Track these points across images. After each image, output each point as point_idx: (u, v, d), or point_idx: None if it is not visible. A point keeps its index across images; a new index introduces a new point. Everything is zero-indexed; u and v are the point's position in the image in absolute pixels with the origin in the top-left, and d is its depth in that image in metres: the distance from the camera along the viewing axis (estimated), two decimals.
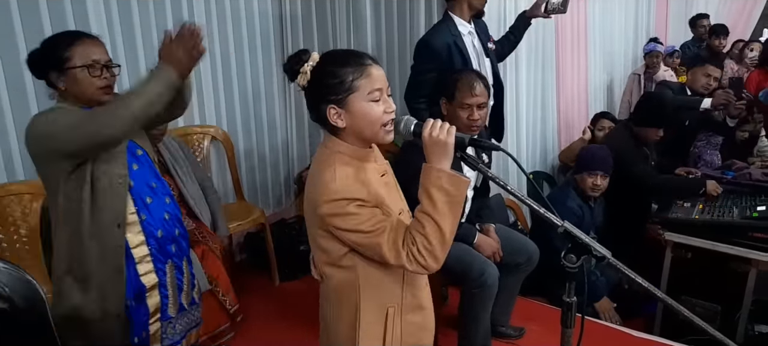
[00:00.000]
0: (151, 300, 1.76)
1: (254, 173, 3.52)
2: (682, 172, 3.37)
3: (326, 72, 1.21)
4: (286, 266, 3.17)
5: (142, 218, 1.72)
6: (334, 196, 1.17)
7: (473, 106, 2.21)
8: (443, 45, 2.64)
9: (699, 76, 3.67)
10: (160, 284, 1.78)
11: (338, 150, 1.24)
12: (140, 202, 1.72)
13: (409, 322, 1.35)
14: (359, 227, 1.18)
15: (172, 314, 1.83)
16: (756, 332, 2.67)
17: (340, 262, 1.28)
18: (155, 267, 1.76)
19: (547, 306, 2.87)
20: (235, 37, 3.26)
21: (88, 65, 1.61)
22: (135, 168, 1.73)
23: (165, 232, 1.78)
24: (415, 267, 1.18)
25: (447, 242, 1.18)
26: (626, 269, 1.11)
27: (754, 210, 2.61)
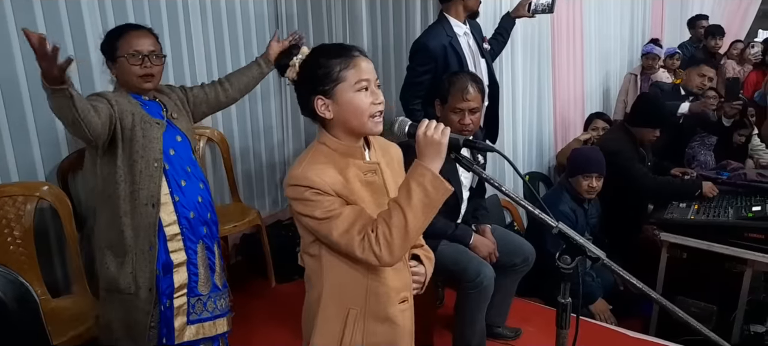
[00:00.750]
0: (178, 276, 1.89)
1: (250, 175, 3.50)
2: (677, 172, 3.38)
3: (314, 64, 1.23)
4: (282, 268, 3.16)
5: (176, 199, 1.88)
6: (293, 181, 1.20)
7: (465, 111, 2.21)
8: (439, 46, 2.64)
9: (693, 76, 3.69)
10: (189, 261, 1.91)
11: (322, 141, 1.26)
12: (175, 184, 1.87)
13: (374, 332, 1.30)
14: (313, 213, 1.18)
15: (202, 292, 1.95)
16: (752, 332, 2.68)
17: (309, 249, 1.29)
18: (185, 246, 1.90)
19: (543, 307, 2.87)
20: (231, 38, 3.25)
21: (130, 54, 1.80)
22: (172, 153, 1.88)
23: (197, 214, 1.92)
24: (367, 255, 1.15)
25: (409, 241, 1.15)
26: (621, 270, 1.11)
27: (749, 210, 2.62)
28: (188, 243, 1.90)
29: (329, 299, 1.29)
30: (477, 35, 2.83)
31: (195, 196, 1.93)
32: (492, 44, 3.01)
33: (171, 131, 1.90)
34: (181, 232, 1.89)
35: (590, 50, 4.60)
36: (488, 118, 2.87)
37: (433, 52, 2.63)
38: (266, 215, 3.48)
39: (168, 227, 1.86)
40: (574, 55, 4.33)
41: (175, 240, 1.88)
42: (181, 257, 1.89)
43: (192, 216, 1.91)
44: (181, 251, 1.89)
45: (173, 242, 1.87)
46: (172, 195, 1.87)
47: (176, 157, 1.89)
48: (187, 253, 1.90)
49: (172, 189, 1.86)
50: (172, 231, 1.87)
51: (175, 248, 1.88)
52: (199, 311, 1.95)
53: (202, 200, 1.95)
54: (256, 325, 2.75)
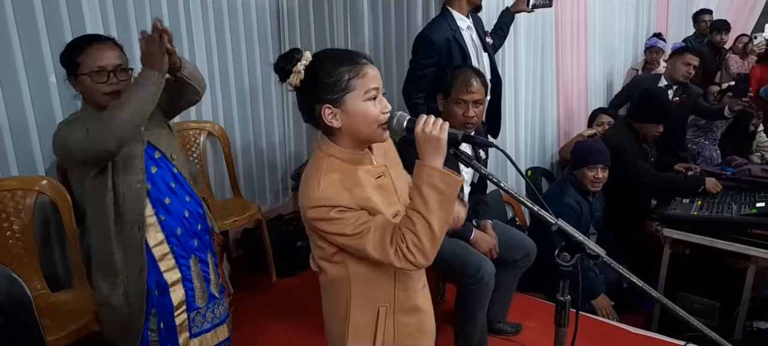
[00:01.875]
0: (175, 294, 1.84)
1: (251, 169, 3.50)
2: (681, 168, 3.35)
3: (321, 71, 1.18)
4: (283, 262, 3.16)
5: (161, 219, 1.80)
6: (316, 202, 1.18)
7: (469, 103, 2.20)
8: (443, 40, 2.63)
9: (678, 65, 3.66)
10: (184, 278, 1.86)
11: (329, 153, 1.23)
12: (159, 204, 1.79)
13: (403, 323, 1.34)
14: (343, 231, 1.18)
15: (200, 304, 1.91)
16: (755, 329, 2.66)
17: (332, 258, 1.28)
18: (178, 263, 1.84)
19: (544, 302, 2.86)
20: (232, 33, 3.24)
21: (94, 72, 1.66)
22: (154, 171, 1.79)
23: (185, 229, 1.85)
24: (404, 264, 1.17)
25: (437, 240, 1.17)
26: (621, 268, 1.09)
27: (753, 206, 2.60)
28: (180, 260, 1.84)
29: (359, 302, 1.30)
30: (479, 29, 2.81)
31: (181, 211, 1.85)
32: (492, 39, 3.00)
33: (150, 148, 1.79)
34: (171, 250, 1.82)
35: (594, 44, 4.56)
36: (491, 112, 2.85)
37: (437, 45, 2.62)
38: (267, 209, 3.48)
39: (156, 247, 1.79)
40: (578, 49, 4.30)
41: (166, 260, 1.81)
42: (176, 276, 1.84)
43: (180, 232, 1.84)
44: (175, 269, 1.83)
45: (164, 262, 1.81)
46: (157, 215, 1.79)
47: (158, 175, 1.80)
48: (181, 270, 1.85)
49: (157, 209, 1.78)
50: (161, 251, 1.80)
51: (167, 268, 1.82)
52: (200, 323, 1.93)
53: (190, 214, 1.87)
54: (257, 319, 2.75)
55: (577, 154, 2.92)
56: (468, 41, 2.71)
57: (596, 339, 2.47)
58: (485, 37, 2.82)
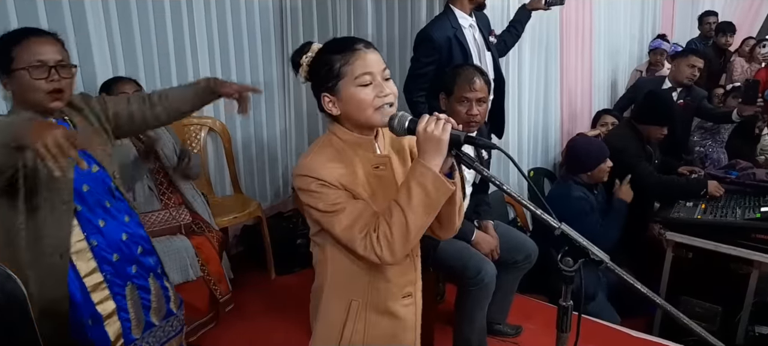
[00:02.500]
0: (111, 328, 1.63)
1: (252, 166, 3.48)
2: (684, 171, 3.33)
3: (319, 62, 1.22)
4: (283, 260, 3.15)
5: (93, 244, 1.58)
6: (300, 170, 1.20)
7: (472, 101, 2.17)
8: (444, 38, 2.61)
9: (683, 66, 3.63)
10: (119, 308, 1.65)
11: (332, 132, 1.25)
12: (91, 227, 1.58)
13: (375, 323, 1.30)
14: (317, 205, 1.18)
15: (136, 336, 1.72)
16: (756, 334, 2.64)
17: (315, 237, 1.30)
18: (112, 292, 1.63)
19: (544, 304, 2.84)
20: (235, 30, 3.22)
21: (32, 66, 1.45)
22: (85, 190, 1.56)
23: (122, 255, 1.65)
24: (368, 253, 1.16)
25: (410, 241, 1.15)
26: (624, 273, 1.07)
27: (757, 211, 2.58)
28: (115, 289, 1.63)
29: (332, 289, 1.30)
30: (483, 27, 2.79)
31: (118, 235, 1.64)
32: (505, 37, 2.99)
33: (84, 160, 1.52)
34: (104, 279, 1.60)
35: (599, 45, 4.54)
36: (493, 112, 2.83)
37: (438, 44, 2.60)
38: (267, 207, 3.46)
39: (88, 277, 1.57)
40: (583, 50, 4.27)
41: (99, 290, 1.59)
42: (110, 307, 1.62)
43: (116, 259, 1.63)
44: (109, 300, 1.62)
45: (97, 293, 1.59)
46: (87, 240, 1.56)
47: (90, 194, 1.57)
48: (115, 299, 1.63)
49: (88, 233, 1.56)
50: (93, 281, 1.58)
51: (100, 299, 1.60)
52: None
53: (129, 237, 1.66)
54: (255, 317, 2.74)
55: (588, 154, 2.85)
56: (470, 40, 2.69)
57: (598, 343, 2.45)
58: (489, 36, 2.79)
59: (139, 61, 2.75)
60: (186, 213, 2.47)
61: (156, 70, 2.85)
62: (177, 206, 2.47)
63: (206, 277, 2.38)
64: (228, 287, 2.51)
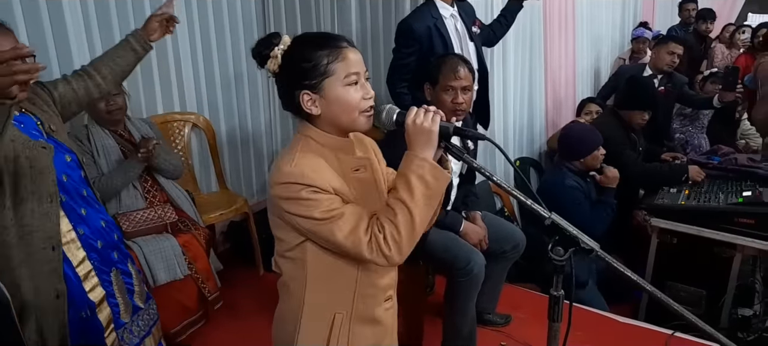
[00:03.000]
0: (102, 314, 1.65)
1: (237, 161, 3.45)
2: (668, 157, 3.36)
3: (299, 56, 1.13)
4: (271, 256, 3.11)
5: (80, 233, 1.59)
6: (287, 179, 1.10)
7: (457, 89, 2.18)
8: (424, 29, 2.61)
9: (662, 53, 3.66)
10: (108, 294, 1.67)
11: (307, 135, 1.17)
12: (75, 215, 1.58)
13: (359, 334, 1.24)
14: (311, 214, 1.09)
15: (125, 320, 1.74)
16: (739, 316, 2.69)
17: (289, 253, 1.20)
18: (101, 279, 1.65)
19: (532, 293, 2.87)
20: (216, 21, 3.18)
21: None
22: (65, 179, 1.56)
23: (105, 241, 1.67)
24: (376, 256, 1.10)
25: (416, 237, 1.11)
26: (615, 261, 1.08)
27: (739, 195, 2.61)
28: (102, 276, 1.66)
29: (313, 306, 1.21)
30: (467, 17, 2.78)
31: (98, 222, 1.66)
32: (494, 27, 2.96)
33: (58, 152, 1.55)
34: (93, 267, 1.63)
35: (582, 34, 4.56)
36: (478, 103, 2.83)
37: (418, 34, 2.60)
38: (254, 202, 3.43)
39: (79, 266, 1.59)
40: (566, 39, 4.29)
41: (89, 278, 1.61)
42: (100, 294, 1.65)
43: (100, 246, 1.65)
44: (98, 287, 1.64)
45: (88, 281, 1.61)
46: (75, 229, 1.58)
47: (70, 183, 1.58)
48: (104, 286, 1.66)
49: (74, 222, 1.57)
50: (84, 269, 1.60)
51: (91, 286, 1.62)
52: (128, 339, 1.76)
53: (106, 224, 1.70)
54: (245, 314, 2.72)
55: (583, 141, 2.85)
56: (451, 30, 2.68)
57: (585, 329, 2.47)
58: (472, 27, 2.78)
59: None
60: (171, 211, 2.43)
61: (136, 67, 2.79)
62: (162, 203, 2.44)
63: (194, 275, 2.35)
64: (216, 285, 2.49)
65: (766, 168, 2.82)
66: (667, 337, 2.42)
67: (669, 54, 3.64)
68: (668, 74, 3.74)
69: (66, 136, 1.65)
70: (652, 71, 3.74)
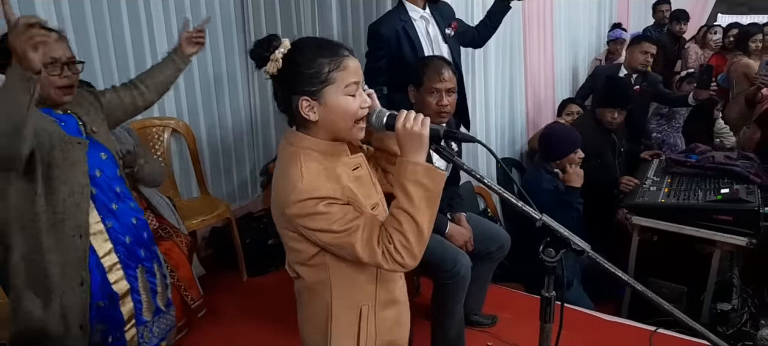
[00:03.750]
0: (125, 307, 1.71)
1: (219, 166, 3.40)
2: (646, 156, 3.42)
3: (300, 61, 1.13)
4: (255, 261, 3.09)
5: (108, 226, 1.66)
6: (301, 196, 1.10)
7: (442, 92, 2.18)
8: (391, 32, 2.63)
9: (636, 53, 3.73)
10: (133, 289, 1.73)
11: (305, 146, 1.16)
12: (105, 209, 1.65)
13: (384, 318, 1.31)
14: (330, 227, 1.11)
15: (147, 318, 1.79)
16: (718, 311, 2.75)
17: (311, 261, 1.22)
18: (126, 274, 1.71)
19: (517, 293, 2.88)
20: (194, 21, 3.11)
21: (48, 63, 1.52)
22: (98, 175, 1.65)
23: (133, 237, 1.73)
24: (392, 266, 1.13)
25: (425, 238, 1.14)
26: (606, 262, 1.09)
27: (718, 193, 2.67)
28: (128, 271, 1.72)
29: (341, 304, 1.25)
30: (442, 19, 2.76)
31: (129, 218, 1.73)
32: (480, 29, 2.93)
33: (94, 149, 1.65)
34: (119, 260, 1.69)
35: (560, 35, 4.61)
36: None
37: (385, 37, 2.62)
38: (236, 208, 3.39)
39: (105, 257, 1.65)
40: (545, 41, 4.33)
41: (114, 270, 1.68)
42: (124, 287, 1.71)
43: (129, 241, 1.72)
44: (123, 280, 1.70)
45: (113, 273, 1.68)
46: (103, 222, 1.65)
47: (104, 178, 1.67)
48: (129, 280, 1.72)
49: (103, 215, 1.65)
50: (110, 261, 1.67)
51: (116, 279, 1.68)
52: (148, 338, 1.80)
53: (138, 221, 1.76)
54: (227, 320, 2.68)
55: (563, 142, 2.87)
56: (421, 32, 2.68)
57: (570, 328, 2.44)
58: (446, 29, 2.77)
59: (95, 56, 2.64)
60: (152, 218, 2.38)
61: (113, 64, 2.75)
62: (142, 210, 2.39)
63: (176, 283, 2.30)
64: (199, 292, 2.44)
65: (743, 166, 2.88)
66: (651, 333, 2.46)
67: (642, 53, 3.70)
68: (643, 73, 3.80)
69: (108, 139, 1.75)
70: (627, 71, 3.80)
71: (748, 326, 2.69)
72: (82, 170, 1.58)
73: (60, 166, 1.53)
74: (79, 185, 1.57)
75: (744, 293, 2.85)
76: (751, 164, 2.93)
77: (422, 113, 1.14)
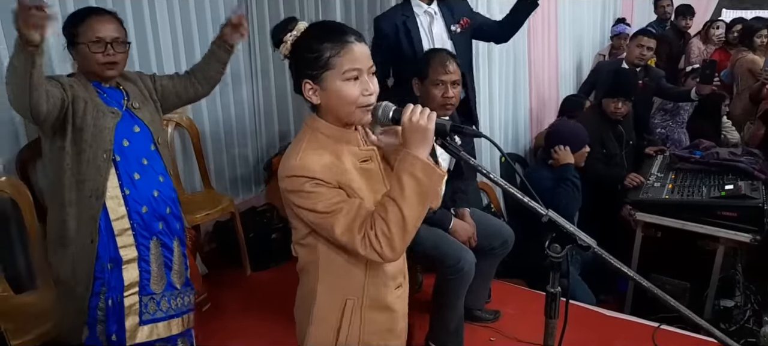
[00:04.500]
0: (128, 273, 1.80)
1: (222, 160, 3.40)
2: (651, 151, 3.42)
3: (305, 45, 1.16)
4: (258, 256, 3.10)
5: (126, 193, 1.78)
6: (292, 172, 1.13)
7: (447, 84, 2.19)
8: (390, 25, 2.65)
9: (632, 47, 3.73)
10: (141, 258, 1.82)
11: (315, 127, 1.20)
12: (126, 177, 1.78)
13: (371, 320, 1.28)
14: (315, 207, 1.13)
15: (154, 289, 1.86)
16: (722, 307, 2.74)
17: (304, 240, 1.24)
18: (137, 242, 1.81)
19: (519, 288, 2.89)
20: (198, 18, 3.12)
21: (92, 41, 1.71)
22: (125, 144, 1.79)
23: (151, 208, 1.83)
24: (369, 253, 1.12)
25: (408, 233, 1.12)
26: (612, 258, 1.09)
27: (722, 189, 2.66)
28: (140, 239, 1.82)
29: (326, 290, 1.25)
30: (450, 16, 2.72)
31: (150, 190, 1.84)
32: (502, 25, 2.80)
33: (128, 121, 1.81)
34: (131, 226, 1.80)
35: (564, 32, 4.60)
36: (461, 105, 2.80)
37: (384, 32, 2.65)
38: (239, 202, 3.39)
39: (117, 221, 1.78)
40: (548, 37, 4.32)
41: (124, 235, 1.79)
42: (132, 253, 1.81)
43: (145, 211, 1.82)
44: (132, 247, 1.81)
45: (123, 237, 1.79)
46: (121, 188, 1.78)
47: (130, 149, 1.80)
48: (139, 249, 1.82)
49: (123, 182, 1.78)
50: (121, 226, 1.79)
51: (124, 243, 1.79)
52: (153, 310, 1.86)
53: (159, 195, 1.86)
54: (231, 314, 2.69)
55: (575, 137, 2.86)
56: (421, 27, 2.68)
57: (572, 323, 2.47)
58: (452, 26, 2.73)
59: None
60: None
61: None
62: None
63: None
64: (203, 287, 2.46)
65: (747, 162, 2.87)
66: (654, 329, 2.46)
67: (638, 47, 3.68)
68: (645, 68, 3.79)
69: (153, 118, 1.89)
70: (626, 66, 3.79)
71: (751, 322, 2.68)
72: (108, 138, 1.74)
73: (89, 130, 1.71)
74: (102, 150, 1.73)
75: (747, 290, 2.84)
76: (756, 160, 2.92)
77: (427, 105, 1.15)
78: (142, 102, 1.88)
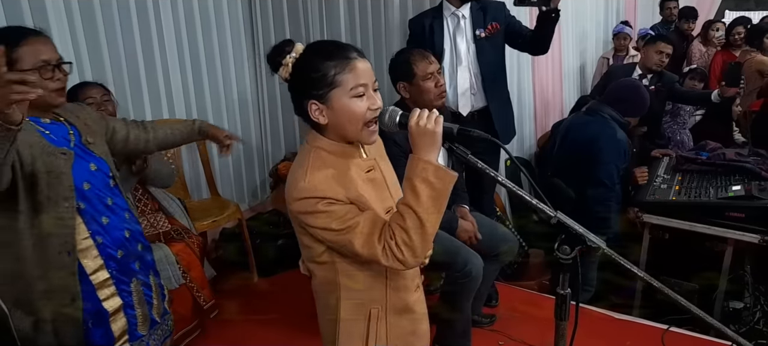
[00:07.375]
0: (116, 324, 1.63)
1: (228, 167, 3.42)
2: (657, 154, 3.40)
3: (308, 65, 1.16)
4: (264, 262, 3.10)
5: (99, 241, 1.58)
6: (302, 194, 1.13)
7: (435, 73, 2.20)
8: (418, 26, 2.69)
9: (651, 53, 3.69)
10: (126, 305, 1.65)
11: (317, 146, 1.19)
12: (95, 224, 1.57)
13: (396, 325, 1.30)
14: (330, 226, 1.13)
15: (142, 332, 1.71)
16: (731, 309, 2.73)
17: (320, 258, 1.24)
18: (118, 289, 1.63)
19: (529, 292, 2.88)
20: (203, 26, 3.15)
21: (39, 67, 1.44)
22: (86, 188, 1.55)
23: (126, 251, 1.65)
24: (392, 262, 1.12)
25: (428, 238, 1.12)
26: (623, 259, 1.08)
27: (729, 190, 2.65)
28: (121, 286, 1.63)
29: (350, 306, 1.26)
30: (480, 20, 2.65)
31: (121, 232, 1.63)
32: (531, 41, 2.72)
33: (82, 161, 1.56)
34: (110, 276, 1.60)
35: (567, 34, 4.60)
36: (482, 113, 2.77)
37: (413, 32, 2.70)
38: (246, 208, 3.41)
39: (94, 274, 1.57)
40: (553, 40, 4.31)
41: (105, 287, 1.59)
42: (116, 303, 1.62)
43: (120, 255, 1.63)
44: (115, 296, 1.62)
45: (104, 290, 1.59)
46: (93, 237, 1.56)
47: (92, 191, 1.57)
48: (121, 296, 1.63)
49: (93, 231, 1.56)
50: (99, 278, 1.58)
51: (107, 295, 1.60)
52: None
53: (130, 234, 1.67)
54: (241, 321, 2.69)
55: (643, 101, 2.78)
56: (448, 30, 2.67)
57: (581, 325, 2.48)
58: (477, 30, 2.66)
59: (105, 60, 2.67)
60: (164, 219, 2.41)
61: (124, 74, 2.77)
62: (154, 212, 2.41)
63: (189, 284, 2.33)
64: (211, 293, 2.46)
65: (754, 162, 2.86)
66: (663, 332, 2.44)
67: (657, 53, 3.66)
68: (658, 73, 3.77)
69: (104, 150, 1.65)
70: (641, 71, 3.77)
71: (761, 324, 2.67)
72: (67, 184, 1.49)
73: (43, 180, 1.44)
74: (62, 200, 1.48)
75: (756, 291, 2.82)
76: (763, 160, 2.90)
77: (422, 103, 1.15)
78: (93, 136, 1.63)
